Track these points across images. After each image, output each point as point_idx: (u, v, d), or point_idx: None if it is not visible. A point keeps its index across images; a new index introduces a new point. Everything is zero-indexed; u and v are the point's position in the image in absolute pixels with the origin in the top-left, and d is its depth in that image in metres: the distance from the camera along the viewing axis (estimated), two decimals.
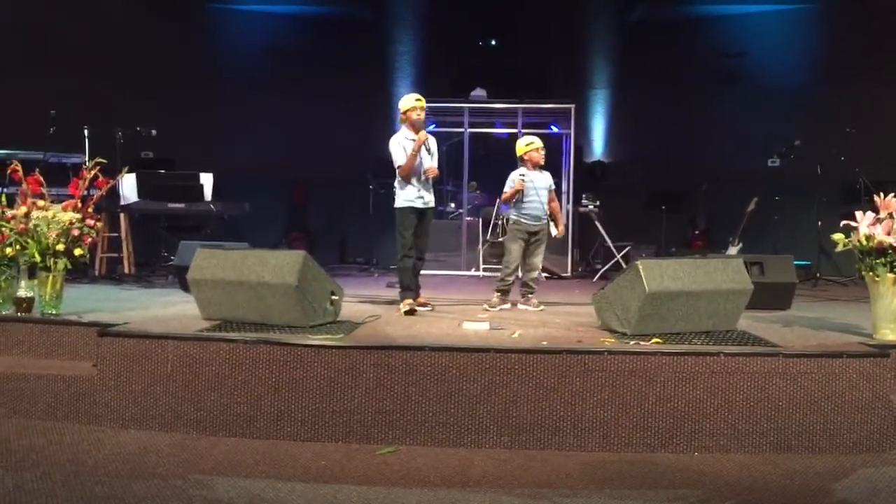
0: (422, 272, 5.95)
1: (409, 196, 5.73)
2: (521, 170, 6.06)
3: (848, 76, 10.15)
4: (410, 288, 5.74)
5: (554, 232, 6.10)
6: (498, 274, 6.35)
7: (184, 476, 3.23)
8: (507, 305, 6.02)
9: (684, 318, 4.44)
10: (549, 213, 6.08)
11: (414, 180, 5.71)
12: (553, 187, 6.17)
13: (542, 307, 5.92)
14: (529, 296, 6.03)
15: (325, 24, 12.40)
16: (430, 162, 5.76)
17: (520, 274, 6.22)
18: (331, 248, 11.77)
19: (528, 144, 6.09)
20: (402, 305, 5.62)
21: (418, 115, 5.71)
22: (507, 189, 6.07)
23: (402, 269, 5.74)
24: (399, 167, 5.71)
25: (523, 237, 6.02)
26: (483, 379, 3.77)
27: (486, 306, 5.92)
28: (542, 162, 6.11)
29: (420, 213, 5.76)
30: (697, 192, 10.91)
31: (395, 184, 5.82)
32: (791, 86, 10.92)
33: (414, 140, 5.66)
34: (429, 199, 5.81)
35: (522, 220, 6.02)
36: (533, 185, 5.97)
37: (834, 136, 8.68)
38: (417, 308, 5.66)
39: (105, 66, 9.88)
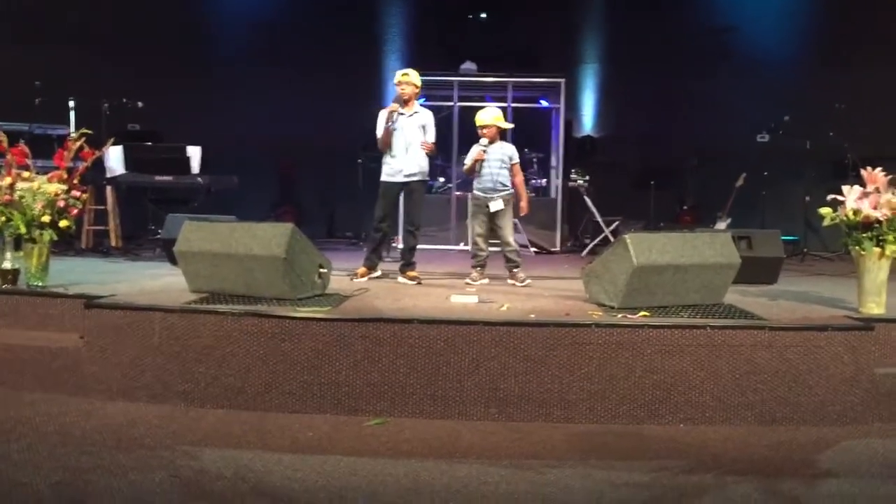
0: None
1: (386, 169, 5.90)
2: (483, 141, 5.96)
3: (838, 52, 10.09)
4: (369, 258, 5.97)
5: (497, 207, 5.90)
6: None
7: (171, 447, 3.24)
8: (486, 281, 5.97)
9: (672, 291, 4.46)
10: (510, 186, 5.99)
11: (389, 152, 5.85)
12: (514, 160, 5.99)
13: (528, 281, 5.87)
14: (514, 270, 5.95)
15: None
16: (417, 137, 5.83)
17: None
18: (319, 223, 11.68)
19: (495, 118, 5.96)
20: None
21: (402, 89, 5.81)
22: (467, 161, 6.06)
23: (369, 239, 6.10)
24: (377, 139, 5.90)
25: (481, 211, 5.96)
26: (471, 351, 3.77)
27: (467, 280, 5.92)
28: (489, 135, 5.91)
29: (399, 187, 5.88)
30: (686, 167, 10.91)
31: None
32: (781, 61, 10.85)
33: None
34: (409, 171, 5.85)
35: (477, 194, 6.00)
36: (487, 157, 5.92)
37: (823, 111, 8.69)
38: (361, 279, 5.85)
39: (92, 38, 9.70)
